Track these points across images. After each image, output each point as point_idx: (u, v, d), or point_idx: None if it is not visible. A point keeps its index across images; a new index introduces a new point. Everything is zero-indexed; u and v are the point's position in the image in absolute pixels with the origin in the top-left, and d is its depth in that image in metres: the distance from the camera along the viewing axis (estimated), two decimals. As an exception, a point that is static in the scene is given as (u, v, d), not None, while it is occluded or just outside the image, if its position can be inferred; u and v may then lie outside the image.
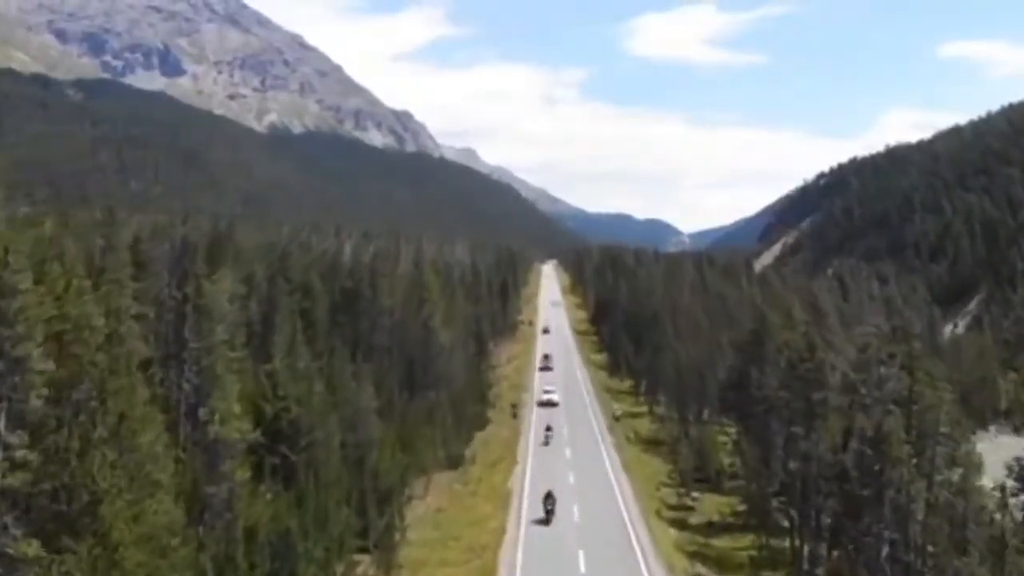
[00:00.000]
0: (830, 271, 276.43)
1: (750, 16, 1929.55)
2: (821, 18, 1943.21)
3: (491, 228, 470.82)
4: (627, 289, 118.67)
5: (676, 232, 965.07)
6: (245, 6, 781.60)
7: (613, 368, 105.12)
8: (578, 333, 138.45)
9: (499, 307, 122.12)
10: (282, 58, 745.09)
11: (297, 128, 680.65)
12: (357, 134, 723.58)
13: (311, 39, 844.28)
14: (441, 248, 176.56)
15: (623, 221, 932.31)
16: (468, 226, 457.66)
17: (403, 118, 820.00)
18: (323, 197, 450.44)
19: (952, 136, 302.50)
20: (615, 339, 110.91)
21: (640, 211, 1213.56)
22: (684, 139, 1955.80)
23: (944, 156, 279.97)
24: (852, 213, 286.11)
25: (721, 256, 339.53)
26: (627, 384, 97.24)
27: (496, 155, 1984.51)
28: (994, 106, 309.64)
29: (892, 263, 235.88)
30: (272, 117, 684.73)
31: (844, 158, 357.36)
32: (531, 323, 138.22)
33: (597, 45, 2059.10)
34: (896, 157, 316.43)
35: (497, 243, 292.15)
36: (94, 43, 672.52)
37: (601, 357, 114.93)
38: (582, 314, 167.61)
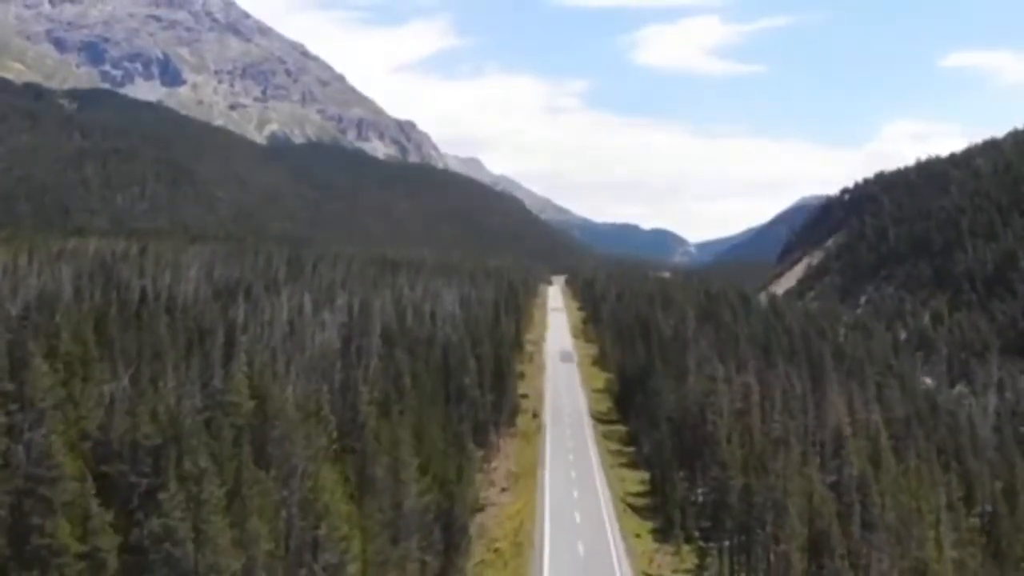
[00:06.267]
0: (864, 298, 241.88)
1: (753, 27, 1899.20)
2: (823, 29, 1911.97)
3: (494, 241, 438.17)
4: (673, 388, 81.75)
5: (682, 242, 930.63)
6: (247, 15, 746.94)
7: (659, 517, 67.97)
8: (597, 420, 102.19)
9: (496, 398, 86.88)
10: (284, 67, 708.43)
11: (298, 138, 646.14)
12: (359, 144, 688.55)
13: (313, 48, 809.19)
14: (427, 289, 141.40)
15: (629, 231, 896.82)
16: (471, 238, 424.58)
17: (406, 128, 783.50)
18: (320, 210, 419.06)
19: (992, 150, 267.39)
20: (658, 455, 75.16)
21: (646, 220, 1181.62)
22: (688, 149, 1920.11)
23: (988, 173, 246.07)
24: (886, 234, 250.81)
25: (743, 272, 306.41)
26: (689, 557, 60.70)
27: (500, 165, 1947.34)
28: (1003, 116, 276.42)
29: (941, 295, 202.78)
30: (273, 127, 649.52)
31: (846, 167, 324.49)
32: (535, 415, 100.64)
33: (601, 56, 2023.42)
34: (930, 172, 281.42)
35: (499, 266, 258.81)
36: (93, 52, 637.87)
37: (634, 478, 78.63)
38: (598, 375, 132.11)
